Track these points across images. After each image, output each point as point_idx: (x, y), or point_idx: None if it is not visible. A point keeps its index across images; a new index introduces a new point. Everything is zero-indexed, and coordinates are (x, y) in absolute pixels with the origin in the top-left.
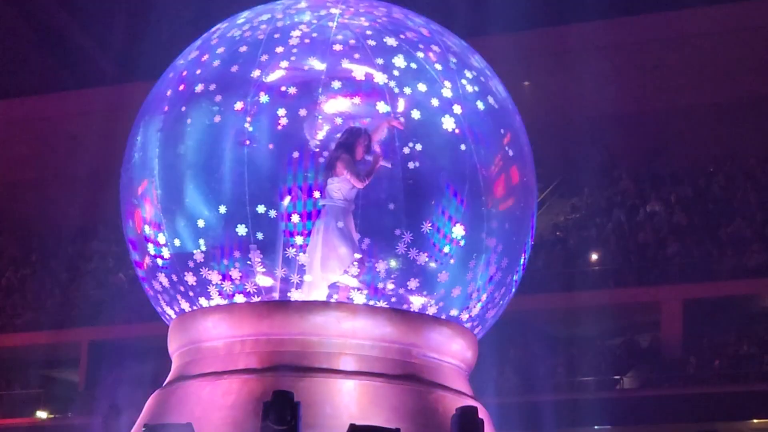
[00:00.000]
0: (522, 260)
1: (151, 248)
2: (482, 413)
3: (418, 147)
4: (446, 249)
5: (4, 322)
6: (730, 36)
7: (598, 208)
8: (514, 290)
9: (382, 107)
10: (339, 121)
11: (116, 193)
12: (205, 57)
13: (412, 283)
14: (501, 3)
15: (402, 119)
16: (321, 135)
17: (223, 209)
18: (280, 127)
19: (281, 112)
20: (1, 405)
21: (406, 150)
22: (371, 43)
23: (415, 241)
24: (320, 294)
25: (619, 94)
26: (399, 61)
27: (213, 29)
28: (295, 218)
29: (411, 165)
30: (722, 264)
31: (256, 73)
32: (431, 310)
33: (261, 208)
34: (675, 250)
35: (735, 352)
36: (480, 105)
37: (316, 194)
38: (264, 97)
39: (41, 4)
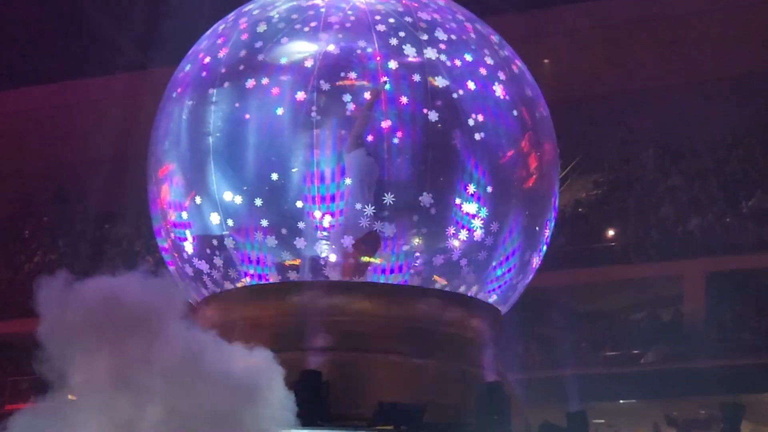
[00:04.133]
0: (545, 236)
1: (178, 232)
2: (509, 388)
3: (479, 116)
4: (479, 224)
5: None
6: (743, 10)
7: (619, 184)
8: (537, 265)
9: (440, 81)
10: (405, 100)
11: (140, 178)
12: (241, 46)
13: (439, 263)
14: None
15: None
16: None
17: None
18: (348, 113)
19: (347, 98)
20: (26, 390)
21: (471, 121)
22: (408, 20)
23: (443, 219)
24: (350, 274)
25: (636, 69)
26: (440, 34)
27: (235, 16)
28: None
29: (477, 137)
30: (744, 237)
31: (308, 63)
32: (459, 289)
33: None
34: (696, 223)
35: (758, 324)
36: (502, 74)
37: None
38: (325, 85)
39: None
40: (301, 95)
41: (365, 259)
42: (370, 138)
